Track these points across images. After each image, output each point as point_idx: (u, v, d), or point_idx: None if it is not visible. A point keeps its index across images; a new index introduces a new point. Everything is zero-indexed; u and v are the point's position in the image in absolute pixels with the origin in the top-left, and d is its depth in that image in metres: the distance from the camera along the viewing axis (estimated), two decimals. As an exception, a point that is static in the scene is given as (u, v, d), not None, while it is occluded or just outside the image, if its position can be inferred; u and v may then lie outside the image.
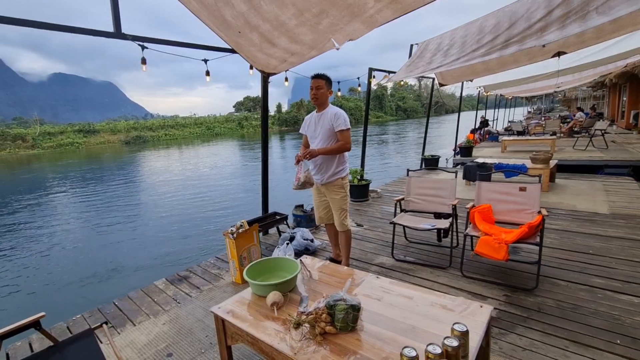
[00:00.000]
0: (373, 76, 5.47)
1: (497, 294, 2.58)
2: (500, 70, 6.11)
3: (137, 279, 5.39)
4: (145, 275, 5.49)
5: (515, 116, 27.39)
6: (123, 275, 5.64)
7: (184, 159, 24.07)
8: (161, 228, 8.17)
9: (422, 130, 8.52)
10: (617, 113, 16.82)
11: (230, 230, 3.02)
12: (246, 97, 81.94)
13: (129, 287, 4.02)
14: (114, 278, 5.57)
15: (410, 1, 1.95)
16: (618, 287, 2.55)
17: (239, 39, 2.77)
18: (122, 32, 2.58)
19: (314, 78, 2.74)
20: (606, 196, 4.97)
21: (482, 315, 1.62)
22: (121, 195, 12.40)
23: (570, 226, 3.87)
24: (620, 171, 7.02)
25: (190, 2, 2.49)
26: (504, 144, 9.69)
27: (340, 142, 2.75)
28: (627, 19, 3.74)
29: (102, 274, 5.75)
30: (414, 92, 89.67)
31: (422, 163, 8.42)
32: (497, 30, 3.74)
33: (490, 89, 10.93)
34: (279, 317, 1.71)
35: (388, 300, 1.81)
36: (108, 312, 2.73)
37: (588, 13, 2.97)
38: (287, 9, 2.16)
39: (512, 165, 5.39)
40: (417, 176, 3.57)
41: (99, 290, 5.15)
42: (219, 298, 2.78)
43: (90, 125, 50.08)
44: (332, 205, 2.96)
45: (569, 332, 2.10)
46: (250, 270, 2.05)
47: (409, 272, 3.03)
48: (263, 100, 3.96)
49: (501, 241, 2.46)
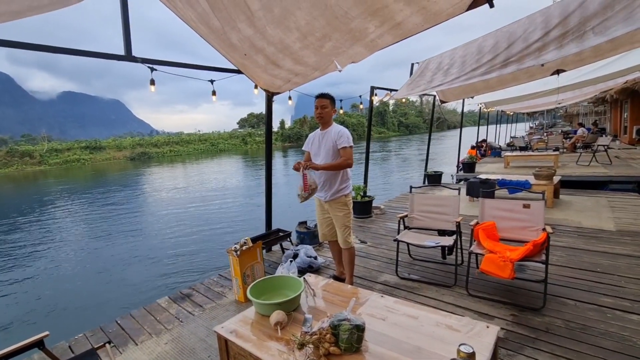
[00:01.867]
0: (375, 94, 5.57)
1: (504, 313, 2.54)
2: (500, 87, 6.20)
3: (141, 297, 5.35)
4: (149, 292, 5.45)
5: (517, 132, 27.49)
6: (125, 293, 5.61)
7: (187, 176, 24.24)
8: (164, 245, 8.15)
9: (425, 146, 8.58)
10: (620, 128, 16.84)
11: (233, 248, 3.03)
12: (250, 113, 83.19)
13: (132, 305, 3.99)
14: (117, 295, 5.54)
15: (411, 27, 2.02)
16: (628, 307, 2.50)
17: (244, 61, 2.86)
18: (132, 55, 2.68)
19: (318, 97, 2.79)
20: (612, 212, 4.92)
21: (489, 336, 1.60)
22: (124, 213, 12.45)
23: (577, 243, 3.82)
24: (626, 187, 6.97)
25: (199, 27, 2.60)
26: (507, 159, 9.70)
27: (342, 158, 2.78)
28: (624, 39, 3.82)
29: (105, 291, 5.72)
30: (415, 108, 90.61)
31: (425, 179, 8.42)
32: (496, 50, 3.82)
33: (491, 105, 11.04)
34: (282, 337, 1.69)
35: (393, 319, 1.80)
36: (110, 331, 2.71)
37: (585, 33, 3.05)
38: (291, 33, 2.25)
39: (516, 182, 5.38)
40: (420, 192, 3.58)
41: (102, 308, 5.11)
42: (222, 317, 2.75)
43: (96, 142, 50.90)
44: (335, 222, 2.97)
45: (578, 353, 2.05)
46: (254, 288, 2.05)
47: (414, 291, 3.00)
48: (267, 119, 4.04)
49: (506, 259, 2.45)
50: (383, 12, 1.88)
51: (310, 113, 58.24)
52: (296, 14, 2.01)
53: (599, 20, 2.94)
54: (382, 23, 2.00)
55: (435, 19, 1.95)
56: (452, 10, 1.85)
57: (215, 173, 24.25)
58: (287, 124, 67.20)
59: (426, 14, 1.88)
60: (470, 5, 1.83)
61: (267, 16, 2.09)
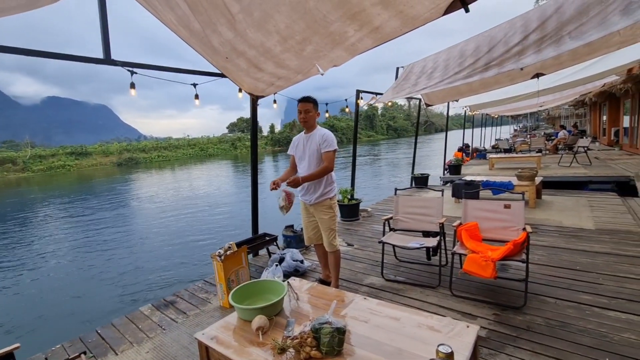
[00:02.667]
0: (361, 98, 5.61)
1: (486, 312, 2.57)
2: (483, 90, 6.33)
3: (123, 305, 5.22)
4: (132, 300, 5.33)
5: (502, 134, 28.07)
6: (108, 302, 5.46)
7: (174, 181, 23.92)
8: (150, 252, 8.00)
9: (412, 149, 8.68)
10: (599, 130, 17.39)
11: (217, 253, 2.99)
12: (239, 118, 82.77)
13: (114, 313, 3.89)
14: (100, 304, 5.39)
15: (389, 31, 2.05)
16: (605, 304, 2.56)
17: (226, 64, 2.85)
18: (111, 59, 2.64)
19: (301, 102, 2.78)
20: (591, 212, 5.06)
21: (469, 335, 1.61)
22: (107, 219, 12.17)
23: (557, 242, 3.91)
24: (604, 187, 7.18)
25: (180, 29, 2.58)
26: (492, 161, 9.88)
27: (324, 164, 2.77)
28: (600, 43, 3.96)
29: (88, 300, 5.56)
30: (403, 112, 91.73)
31: (411, 181, 8.51)
32: (478, 54, 3.90)
33: (476, 108, 11.26)
34: (264, 342, 1.67)
35: (375, 322, 1.80)
36: (90, 341, 2.64)
37: (562, 37, 3.14)
38: (271, 37, 2.25)
39: (499, 182, 5.48)
40: (405, 195, 3.61)
41: (83, 318, 4.96)
42: (206, 323, 2.70)
43: (82, 148, 49.79)
44: (320, 225, 2.96)
45: (558, 351, 2.08)
46: (236, 293, 2.02)
47: (399, 292, 3.01)
48: (252, 122, 4.02)
49: (488, 259, 2.48)
50: (361, 16, 1.90)
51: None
52: (276, 18, 2.01)
53: (574, 25, 3.04)
54: (361, 27, 2.02)
55: (413, 23, 1.98)
56: (429, 15, 1.89)
57: (204, 178, 23.99)
58: (277, 128, 67.09)
59: (404, 18, 1.91)
60: (447, 10, 1.87)
61: (247, 19, 2.09)
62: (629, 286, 2.77)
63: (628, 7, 2.69)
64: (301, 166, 2.96)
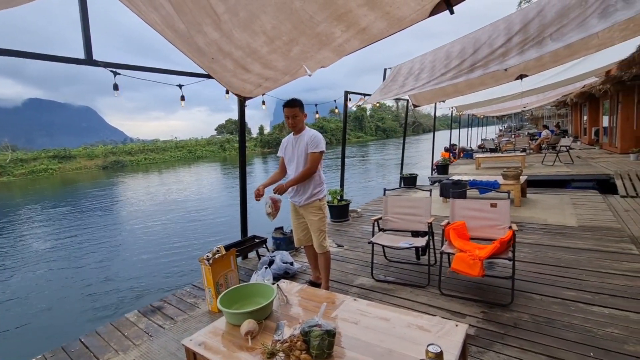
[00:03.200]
0: (349, 99, 5.63)
1: (475, 311, 2.60)
2: (469, 91, 6.43)
3: (108, 312, 5.09)
4: (118, 307, 5.20)
5: (488, 134, 28.64)
6: (95, 308, 5.31)
7: (161, 184, 23.52)
8: (136, 256, 7.83)
9: (401, 149, 8.77)
10: (580, 130, 17.90)
11: (205, 257, 2.94)
12: (228, 119, 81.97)
13: (99, 321, 3.79)
14: (83, 311, 5.23)
15: (376, 32, 2.06)
16: (589, 299, 2.62)
17: (213, 65, 2.81)
18: (93, 59, 2.57)
19: (287, 107, 2.75)
20: (574, 209, 5.19)
21: (458, 334, 1.62)
22: (91, 224, 11.87)
23: (542, 240, 3.99)
24: (586, 185, 7.39)
25: (165, 30, 2.53)
26: (478, 161, 10.05)
27: (307, 166, 2.77)
28: (579, 45, 4.07)
29: (70, 308, 5.40)
30: (392, 113, 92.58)
31: (400, 181, 8.58)
32: (463, 56, 3.96)
33: (462, 109, 11.45)
34: (253, 347, 1.65)
35: (365, 323, 1.79)
36: (73, 351, 2.55)
37: (544, 39, 3.22)
38: (258, 37, 2.23)
39: (485, 182, 5.58)
40: (394, 195, 3.63)
41: (66, 327, 4.81)
42: (194, 329, 2.65)
43: (66, 151, 48.47)
44: (310, 226, 2.95)
45: (544, 347, 2.12)
46: (225, 298, 1.99)
47: (389, 292, 3.02)
48: (240, 124, 3.98)
49: (475, 257, 2.51)
50: (348, 17, 1.90)
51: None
52: (262, 18, 2.00)
53: (555, 27, 3.12)
54: (347, 28, 2.02)
55: (399, 25, 1.99)
56: (415, 16, 1.90)
57: (192, 180, 23.66)
58: (266, 130, 66.74)
59: (390, 19, 1.91)
60: (432, 11, 1.88)
61: (233, 20, 2.06)
62: (611, 281, 2.85)
63: (605, 10, 2.77)
64: (291, 168, 2.95)
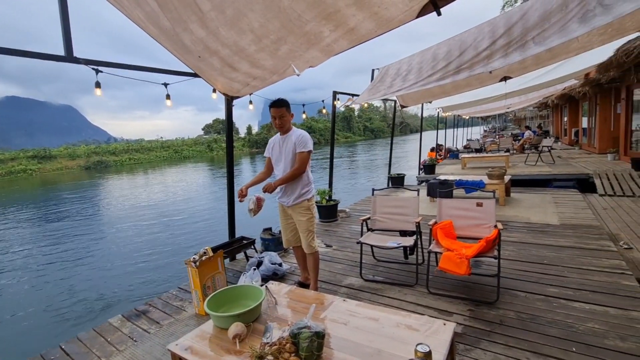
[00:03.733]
0: (337, 99, 5.63)
1: (462, 309, 2.63)
2: (455, 92, 6.54)
3: (90, 317, 4.94)
4: (101, 312, 5.05)
5: (473, 135, 29.19)
6: (76, 314, 5.15)
7: (146, 184, 23.03)
8: (121, 259, 7.63)
9: (389, 149, 8.85)
10: (561, 131, 18.47)
11: (192, 259, 2.88)
12: (215, 119, 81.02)
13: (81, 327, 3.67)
14: (67, 317, 5.06)
15: (364, 32, 2.06)
16: (571, 295, 2.69)
17: (199, 63, 2.76)
18: (74, 56, 2.49)
19: (273, 107, 2.72)
20: (556, 208, 5.34)
21: (446, 333, 1.64)
22: (73, 226, 11.52)
23: (526, 238, 4.09)
24: (567, 184, 7.62)
25: (149, 27, 2.47)
26: (464, 161, 10.24)
27: (295, 165, 2.76)
28: (560, 48, 4.19)
29: (50, 314, 5.21)
30: (380, 114, 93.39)
31: (388, 181, 8.64)
32: (449, 58, 4.02)
33: (448, 110, 11.63)
34: (241, 350, 1.62)
35: (354, 323, 1.79)
36: (52, 358, 2.46)
37: (526, 43, 3.30)
38: (245, 35, 2.20)
39: (471, 181, 5.67)
40: (382, 195, 3.65)
41: (47, 333, 4.65)
42: (181, 332, 2.60)
43: (46, 151, 46.94)
44: (298, 227, 2.94)
45: (529, 343, 2.17)
46: (212, 300, 1.95)
47: (378, 292, 3.03)
48: (228, 124, 3.93)
49: (462, 256, 2.54)
50: (336, 16, 1.90)
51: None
52: (249, 16, 1.97)
53: (538, 31, 3.20)
54: (336, 27, 2.02)
55: (387, 25, 2.00)
56: (403, 17, 1.91)
57: (179, 181, 23.26)
58: (255, 130, 66.28)
59: (378, 19, 1.92)
60: (420, 12, 1.90)
61: (220, 17, 2.03)
62: (592, 278, 2.94)
63: (585, 15, 2.85)
64: (278, 168, 2.93)
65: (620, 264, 3.15)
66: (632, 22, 3.84)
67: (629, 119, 9.03)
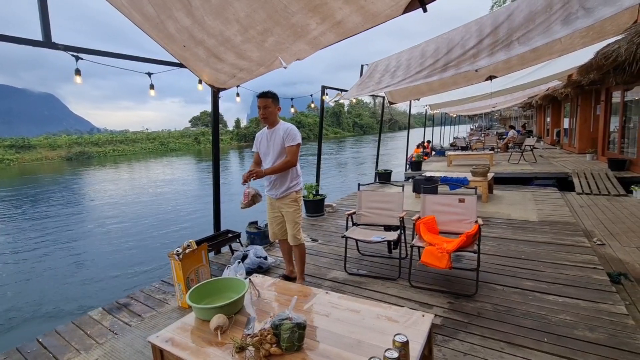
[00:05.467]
0: (326, 94, 5.63)
1: (441, 301, 2.70)
2: (442, 90, 6.62)
3: (68, 311, 4.84)
4: (79, 305, 4.95)
5: (460, 133, 29.64)
6: (54, 308, 5.03)
7: (130, 176, 22.54)
8: (102, 252, 7.48)
9: (377, 145, 8.92)
10: (544, 131, 18.95)
11: (175, 251, 2.85)
12: (203, 111, 79.60)
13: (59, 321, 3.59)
14: (43, 312, 4.95)
15: (351, 26, 2.06)
16: (545, 289, 2.80)
17: (184, 53, 2.71)
18: (52, 41, 2.40)
19: (259, 97, 2.72)
20: (535, 205, 5.50)
21: (424, 324, 1.68)
22: (52, 218, 11.19)
23: (505, 233, 4.21)
24: (547, 182, 7.87)
25: (133, 14, 2.40)
26: (450, 158, 10.40)
27: (287, 158, 2.77)
28: (544, 49, 4.29)
29: (26, 309, 5.08)
30: (369, 110, 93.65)
31: (375, 177, 8.72)
32: (437, 55, 4.06)
33: (436, 107, 11.77)
34: (223, 342, 1.62)
35: (336, 315, 1.82)
36: (29, 352, 2.41)
37: (511, 43, 3.36)
38: (231, 26, 2.17)
39: (456, 178, 5.78)
40: (368, 190, 3.68)
41: (23, 326, 4.53)
42: (163, 325, 2.57)
43: (24, 140, 45.17)
44: (285, 218, 2.96)
45: (504, 334, 2.25)
46: (194, 293, 1.94)
47: (361, 285, 3.07)
48: (214, 116, 3.88)
49: (443, 250, 2.60)
50: (323, 9, 1.89)
51: (266, 112, 57.06)
52: (235, 5, 1.94)
53: (523, 32, 3.27)
54: (323, 20, 2.01)
55: (374, 20, 2.01)
56: (390, 12, 1.92)
57: (164, 173, 22.84)
58: (243, 123, 65.50)
59: (365, 14, 1.92)
60: (406, 8, 1.91)
61: (205, 6, 1.99)
62: (565, 272, 3.06)
63: (568, 17, 2.93)
64: (266, 161, 2.92)
65: (592, 259, 3.29)
66: (611, 26, 3.96)
67: (607, 121, 9.34)
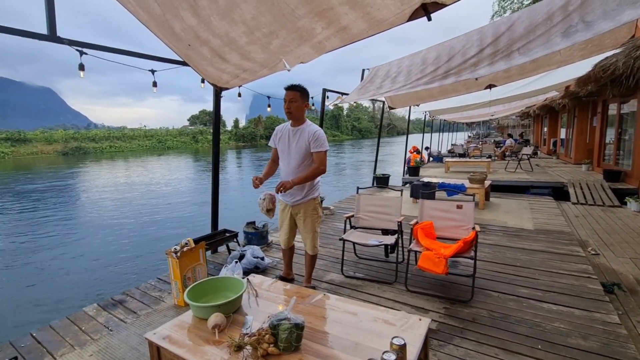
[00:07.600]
0: (327, 97, 5.66)
1: (437, 306, 2.72)
2: (442, 97, 6.68)
3: (63, 307, 4.80)
4: (75, 302, 4.91)
5: (458, 140, 29.82)
6: (48, 304, 4.99)
7: (127, 173, 22.43)
8: (99, 249, 7.43)
9: (375, 149, 8.97)
10: (540, 140, 19.13)
11: (173, 249, 2.85)
12: (202, 110, 79.58)
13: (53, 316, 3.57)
14: (38, 307, 4.90)
15: (356, 32, 2.09)
16: (540, 296, 2.83)
17: (189, 52, 2.73)
18: (57, 36, 2.41)
19: (286, 90, 2.54)
20: (531, 214, 5.55)
21: (421, 328, 1.70)
22: (47, 213, 11.11)
23: (501, 241, 4.25)
24: (543, 191, 7.94)
25: (139, 12, 2.42)
26: (447, 165, 10.47)
27: (315, 165, 2.61)
28: (543, 60, 4.36)
29: (24, 304, 5.03)
30: (368, 114, 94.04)
31: (373, 181, 8.75)
32: (438, 62, 4.10)
33: (435, 114, 11.86)
34: (220, 341, 1.63)
35: (333, 317, 1.83)
36: (22, 346, 2.39)
37: (512, 53, 3.41)
38: (237, 27, 2.19)
39: (453, 185, 5.82)
40: (366, 194, 3.71)
41: (17, 321, 4.49)
42: (158, 323, 2.57)
43: (20, 134, 44.83)
44: (303, 227, 2.81)
45: (499, 340, 2.27)
46: (192, 291, 1.94)
47: (357, 288, 3.08)
48: (215, 115, 3.89)
49: (440, 256, 2.63)
50: (329, 14, 1.92)
51: (265, 113, 57.75)
52: (242, 7, 1.96)
53: (523, 43, 3.32)
54: (328, 25, 2.04)
55: (379, 27, 2.03)
56: (394, 19, 1.95)
57: (159, 170, 22.75)
58: (242, 123, 65.50)
59: (370, 20, 1.95)
60: (411, 16, 1.94)
61: (212, 7, 2.01)
62: (560, 280, 3.09)
63: (567, 30, 2.98)
64: (283, 162, 2.74)
65: (587, 268, 3.33)
66: (610, 40, 4.03)
67: (603, 132, 9.45)
